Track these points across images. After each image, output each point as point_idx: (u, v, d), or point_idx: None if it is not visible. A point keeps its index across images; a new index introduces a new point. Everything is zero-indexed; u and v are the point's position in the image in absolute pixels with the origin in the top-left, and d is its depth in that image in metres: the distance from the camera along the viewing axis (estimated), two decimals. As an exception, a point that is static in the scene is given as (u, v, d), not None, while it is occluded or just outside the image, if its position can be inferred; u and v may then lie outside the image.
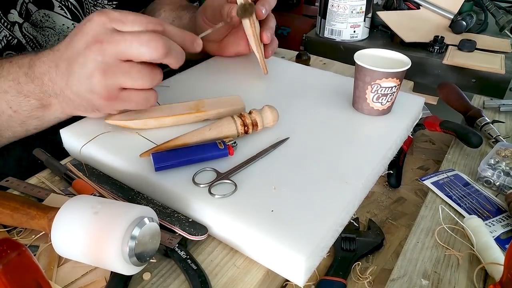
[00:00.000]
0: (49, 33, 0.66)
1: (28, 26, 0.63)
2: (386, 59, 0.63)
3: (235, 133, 0.55)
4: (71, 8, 0.69)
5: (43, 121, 0.56)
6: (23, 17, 0.63)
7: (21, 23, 0.63)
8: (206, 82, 0.71)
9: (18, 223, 0.45)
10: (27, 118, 0.55)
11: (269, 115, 0.56)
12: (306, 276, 0.43)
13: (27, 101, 0.53)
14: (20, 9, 0.62)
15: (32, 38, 0.65)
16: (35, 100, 0.53)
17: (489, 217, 0.54)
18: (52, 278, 0.42)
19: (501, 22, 1.26)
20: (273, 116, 0.57)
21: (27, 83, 0.52)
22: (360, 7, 1.21)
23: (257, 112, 0.56)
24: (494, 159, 0.61)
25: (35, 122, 0.56)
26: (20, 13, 0.63)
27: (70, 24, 0.69)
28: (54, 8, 0.67)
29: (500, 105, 0.79)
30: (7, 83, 0.53)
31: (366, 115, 0.62)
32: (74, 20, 0.69)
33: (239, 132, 0.55)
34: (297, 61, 0.91)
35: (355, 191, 0.49)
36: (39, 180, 0.56)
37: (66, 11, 0.68)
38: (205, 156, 0.51)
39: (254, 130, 0.56)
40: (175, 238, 0.45)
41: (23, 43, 0.64)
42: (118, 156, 0.53)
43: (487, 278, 0.47)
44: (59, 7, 0.67)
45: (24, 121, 0.55)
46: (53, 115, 0.56)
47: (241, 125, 0.55)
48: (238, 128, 0.55)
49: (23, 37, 0.63)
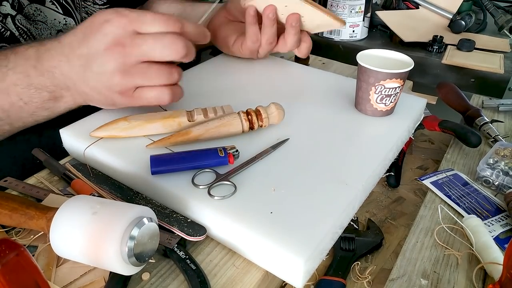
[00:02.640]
0: (41, 27, 0.66)
1: (22, 19, 0.63)
2: (387, 60, 0.63)
3: (240, 129, 0.55)
4: (62, 3, 0.69)
5: (53, 111, 0.56)
6: (16, 9, 0.63)
7: (14, 15, 0.62)
8: (205, 83, 0.71)
9: (17, 223, 0.45)
10: (38, 109, 0.55)
11: (274, 111, 0.56)
12: (305, 278, 0.43)
13: (38, 93, 0.53)
14: (13, 1, 0.62)
15: (26, 31, 0.64)
16: (47, 93, 0.53)
17: (488, 216, 0.54)
18: (51, 279, 0.42)
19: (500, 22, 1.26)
20: (278, 112, 0.57)
21: (37, 76, 0.52)
22: (359, 7, 1.21)
23: (263, 108, 0.56)
24: (493, 158, 0.61)
25: (45, 113, 0.56)
26: (13, 5, 0.62)
27: (61, 19, 0.69)
28: (46, 3, 0.67)
29: (499, 104, 0.79)
30: (16, 75, 0.52)
31: (366, 116, 0.62)
32: (66, 15, 0.69)
33: (244, 129, 0.55)
34: (296, 61, 0.91)
35: (355, 193, 0.49)
36: (37, 180, 0.55)
37: (57, 6, 0.68)
38: (204, 164, 0.51)
39: (260, 126, 0.56)
40: (174, 238, 0.45)
41: (16, 35, 0.63)
42: (118, 157, 0.53)
43: (486, 278, 0.47)
44: (50, 2, 0.67)
45: (35, 112, 0.55)
46: (64, 106, 0.56)
47: (245, 120, 0.55)
48: (244, 126, 0.55)
49: (16, 29, 0.63)
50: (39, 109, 0.55)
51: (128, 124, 0.55)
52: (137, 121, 0.55)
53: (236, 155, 0.52)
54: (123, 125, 0.55)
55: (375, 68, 0.57)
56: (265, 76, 0.72)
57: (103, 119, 0.57)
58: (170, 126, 0.56)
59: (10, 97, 0.53)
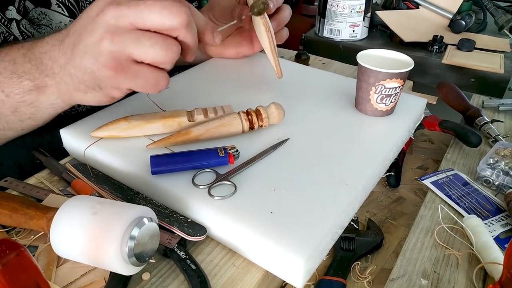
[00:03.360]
0: (45, 30, 0.66)
1: (26, 23, 0.63)
2: (387, 59, 0.63)
3: (240, 129, 0.55)
4: (68, 5, 0.69)
5: (37, 108, 0.53)
6: (21, 14, 0.63)
7: (19, 20, 0.62)
8: (205, 83, 0.71)
9: (17, 224, 0.45)
10: (19, 103, 0.52)
11: (274, 111, 0.57)
12: (305, 278, 0.43)
13: (19, 82, 0.50)
14: (18, 5, 0.62)
15: (29, 35, 0.64)
16: (28, 81, 0.50)
17: (489, 216, 0.54)
18: (51, 279, 0.42)
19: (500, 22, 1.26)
20: (278, 112, 0.57)
21: (23, 63, 0.50)
22: (359, 7, 1.21)
23: (263, 108, 0.56)
24: (493, 158, 0.61)
25: (29, 110, 0.53)
26: (18, 10, 0.62)
27: (67, 21, 0.69)
28: (51, 6, 0.67)
29: (499, 104, 0.79)
30: (3, 64, 0.51)
31: (366, 115, 0.62)
32: (71, 16, 0.69)
33: (245, 129, 0.55)
34: (296, 61, 0.91)
35: (355, 193, 0.49)
36: (38, 180, 0.55)
37: (63, 8, 0.68)
38: (204, 164, 0.50)
39: (260, 126, 0.56)
40: (174, 238, 0.45)
41: (20, 40, 0.64)
42: (118, 157, 0.53)
43: (487, 278, 0.47)
44: (56, 5, 0.67)
45: (17, 108, 0.52)
46: (48, 100, 0.52)
47: (245, 120, 0.55)
48: (244, 126, 0.55)
49: (20, 34, 0.63)
50: (21, 103, 0.52)
51: (128, 124, 0.55)
52: (137, 121, 0.55)
53: (236, 155, 0.52)
54: (123, 125, 0.55)
55: (375, 68, 0.57)
56: (265, 76, 0.72)
57: (103, 120, 0.57)
58: (170, 126, 0.56)
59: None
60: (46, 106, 0.53)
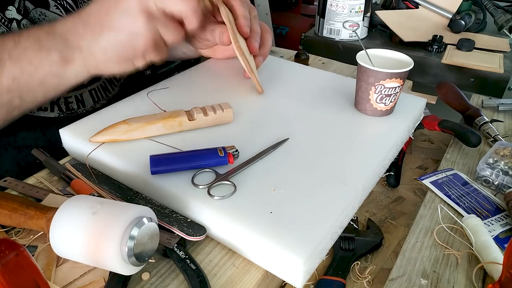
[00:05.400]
0: None
1: (27, 23, 0.63)
2: (387, 59, 0.63)
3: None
4: (66, 7, 0.69)
5: (62, 79, 0.55)
6: (21, 14, 0.63)
7: (20, 20, 0.62)
8: (204, 83, 0.71)
9: (17, 224, 0.45)
10: (46, 75, 0.54)
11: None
12: (305, 278, 0.43)
13: (47, 54, 0.53)
14: (18, 6, 0.62)
15: None
16: (56, 53, 0.53)
17: (488, 216, 0.54)
18: (51, 279, 0.42)
19: (500, 21, 1.26)
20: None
21: (48, 39, 0.53)
22: (359, 6, 1.21)
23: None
24: (493, 158, 0.62)
25: (54, 81, 0.55)
26: (19, 10, 0.62)
27: None
28: (50, 7, 0.67)
29: (498, 104, 0.79)
30: (28, 42, 0.53)
31: (366, 115, 0.62)
32: None
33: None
34: (296, 61, 0.91)
35: (355, 193, 0.49)
36: (37, 180, 0.55)
37: (61, 10, 0.68)
38: (204, 163, 0.51)
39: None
40: (174, 238, 0.45)
41: None
42: (118, 157, 0.53)
43: (486, 278, 0.47)
44: (55, 6, 0.67)
45: (44, 79, 0.54)
46: (74, 72, 0.55)
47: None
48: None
49: None
50: (48, 75, 0.54)
51: (128, 127, 0.55)
52: (137, 123, 0.55)
53: (236, 155, 0.52)
54: (123, 128, 0.55)
55: (375, 68, 0.57)
56: (265, 75, 0.72)
57: (103, 119, 0.57)
58: (171, 126, 0.56)
59: (20, 63, 0.52)
60: (71, 77, 0.55)
